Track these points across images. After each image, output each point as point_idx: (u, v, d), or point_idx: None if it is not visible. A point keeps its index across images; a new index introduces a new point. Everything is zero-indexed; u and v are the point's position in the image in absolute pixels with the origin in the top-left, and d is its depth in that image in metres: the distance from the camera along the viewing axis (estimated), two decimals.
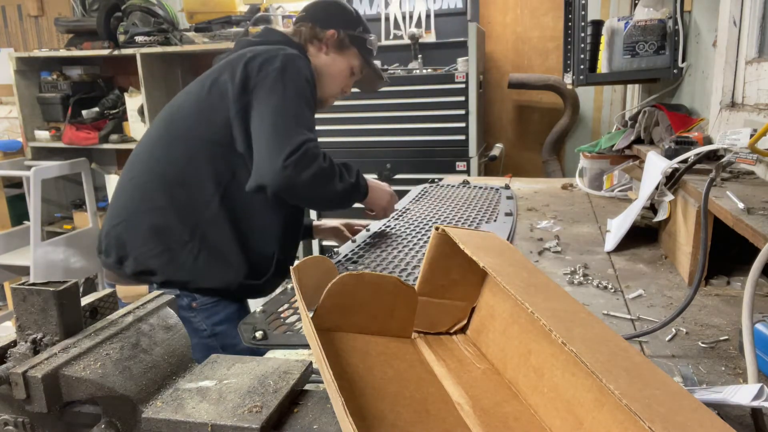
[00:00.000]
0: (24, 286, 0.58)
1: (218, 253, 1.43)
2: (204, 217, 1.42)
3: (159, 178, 1.44)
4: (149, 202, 1.43)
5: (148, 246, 1.42)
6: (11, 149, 3.93)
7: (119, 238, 1.45)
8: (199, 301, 1.45)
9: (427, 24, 3.27)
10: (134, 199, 1.46)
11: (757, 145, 1.09)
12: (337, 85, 1.65)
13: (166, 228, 1.41)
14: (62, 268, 3.53)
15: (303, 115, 1.40)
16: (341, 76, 1.65)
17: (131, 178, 1.49)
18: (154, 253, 1.41)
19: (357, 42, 1.64)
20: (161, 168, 1.45)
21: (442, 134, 3.01)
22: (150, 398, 0.57)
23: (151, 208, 1.43)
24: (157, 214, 1.42)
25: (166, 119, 1.52)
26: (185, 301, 1.44)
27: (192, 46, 3.34)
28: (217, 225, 1.43)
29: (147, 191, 1.44)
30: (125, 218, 1.45)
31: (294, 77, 1.42)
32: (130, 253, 1.43)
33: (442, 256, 0.71)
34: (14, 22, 4.39)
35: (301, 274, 0.68)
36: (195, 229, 1.42)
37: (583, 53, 2.10)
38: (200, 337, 1.46)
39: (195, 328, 1.46)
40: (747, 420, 0.62)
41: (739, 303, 0.98)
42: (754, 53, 1.50)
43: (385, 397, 0.58)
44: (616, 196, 1.88)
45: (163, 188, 1.43)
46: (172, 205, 1.42)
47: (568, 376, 0.54)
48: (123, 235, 1.44)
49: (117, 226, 1.46)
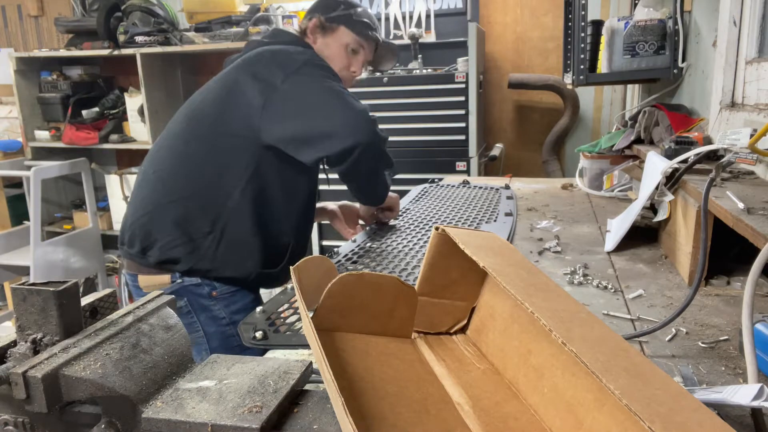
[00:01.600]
0: (24, 286, 0.58)
1: (238, 243, 1.47)
2: (225, 209, 1.46)
3: (181, 171, 1.48)
4: (172, 194, 1.47)
5: (172, 236, 1.45)
6: (11, 149, 3.93)
7: (144, 229, 1.47)
8: (219, 290, 1.49)
9: (427, 24, 3.27)
10: (157, 192, 1.49)
11: (757, 145, 1.09)
12: (337, 67, 1.62)
13: (189, 219, 1.45)
14: (62, 268, 3.53)
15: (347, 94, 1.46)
16: (339, 57, 1.65)
17: (154, 171, 1.52)
18: (178, 243, 1.45)
19: (341, 20, 1.64)
20: (183, 162, 1.49)
21: (442, 134, 3.01)
22: (150, 398, 0.57)
23: (174, 199, 1.46)
24: (180, 206, 1.45)
25: (188, 115, 1.55)
26: (206, 290, 1.48)
27: (192, 46, 3.34)
28: (238, 216, 1.46)
29: (170, 184, 1.48)
30: (150, 210, 1.48)
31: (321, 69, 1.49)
32: (155, 243, 1.46)
33: (442, 256, 0.71)
34: (14, 22, 4.39)
35: (301, 274, 0.68)
36: (217, 220, 1.45)
37: (583, 53, 2.10)
38: (219, 325, 1.50)
39: (214, 316, 1.50)
40: (747, 420, 0.62)
41: (739, 303, 0.98)
42: (754, 53, 1.50)
43: (385, 397, 0.58)
44: (616, 196, 1.88)
45: (185, 181, 1.47)
46: (194, 197, 1.46)
47: (568, 376, 0.54)
48: (148, 226, 1.47)
49: (142, 217, 1.48)
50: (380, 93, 3.02)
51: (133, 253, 1.49)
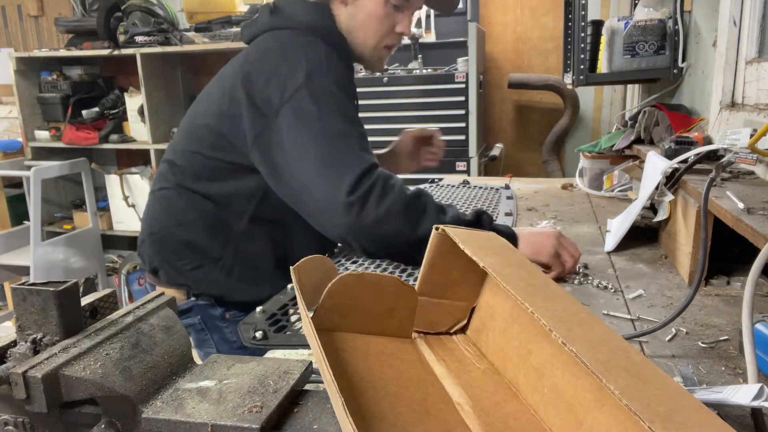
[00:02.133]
0: (24, 286, 0.58)
1: (252, 267, 1.36)
2: (235, 232, 1.34)
3: (185, 193, 1.35)
4: (178, 217, 1.36)
5: (181, 261, 1.36)
6: (11, 149, 3.93)
7: (154, 249, 1.40)
8: (232, 312, 1.40)
9: (427, 24, 3.27)
10: (165, 213, 1.39)
11: (757, 145, 1.09)
12: (376, 31, 1.31)
13: (197, 243, 1.35)
14: (62, 268, 3.53)
15: (352, 134, 1.15)
16: (376, 18, 1.30)
17: (160, 188, 1.41)
18: (187, 268, 1.36)
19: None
20: (187, 183, 1.35)
21: (442, 134, 3.00)
22: (150, 398, 0.57)
23: (181, 223, 1.36)
24: (187, 230, 1.35)
25: (188, 131, 1.39)
26: (218, 312, 1.40)
27: (192, 46, 3.34)
28: (251, 239, 1.34)
29: (175, 206, 1.37)
30: (157, 231, 1.39)
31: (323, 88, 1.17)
32: (162, 266, 1.39)
33: (442, 256, 0.71)
34: (14, 22, 4.39)
35: (301, 274, 0.68)
36: (226, 244, 1.34)
37: (583, 53, 2.10)
38: (231, 348, 1.41)
39: (226, 338, 1.41)
40: (747, 420, 0.62)
41: (739, 303, 0.98)
42: (754, 53, 1.50)
43: (385, 397, 0.58)
44: (616, 196, 1.88)
45: (190, 203, 1.35)
46: (201, 221, 1.34)
47: (568, 376, 0.54)
48: (157, 247, 1.39)
49: (150, 236, 1.41)
50: (380, 93, 3.02)
51: (147, 270, 1.44)
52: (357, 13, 1.30)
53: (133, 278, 3.83)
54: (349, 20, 1.31)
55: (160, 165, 1.47)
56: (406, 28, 1.33)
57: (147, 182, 3.59)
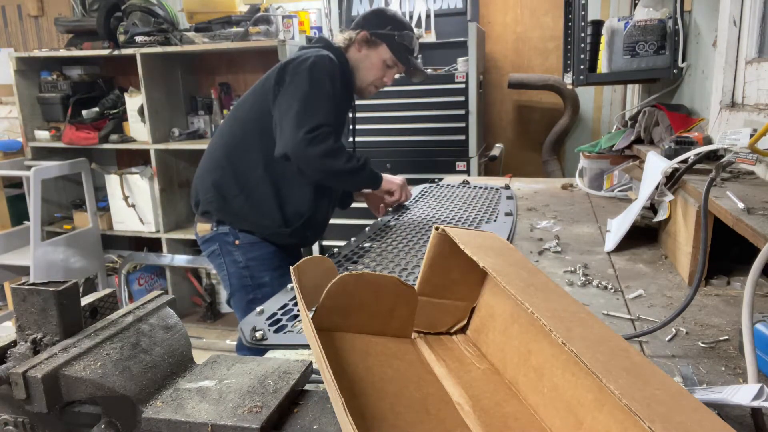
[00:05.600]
0: (24, 286, 0.58)
1: (259, 206, 1.87)
2: (252, 178, 1.86)
3: (223, 147, 1.91)
4: (214, 163, 1.91)
5: (211, 195, 1.90)
6: (11, 149, 3.93)
7: (197, 189, 1.95)
8: (241, 239, 1.89)
9: (427, 24, 3.26)
10: (206, 162, 1.95)
11: (757, 145, 1.09)
12: (372, 75, 1.98)
13: (223, 183, 1.88)
14: (62, 268, 3.53)
15: (322, 107, 1.76)
16: (375, 68, 1.97)
17: (210, 146, 1.98)
18: (213, 199, 1.89)
19: (385, 38, 1.95)
20: (225, 140, 1.92)
21: (442, 134, 3.01)
22: (150, 398, 0.57)
23: (215, 167, 1.90)
24: (218, 173, 1.89)
25: (235, 105, 2.02)
26: (231, 238, 1.89)
27: (192, 46, 3.33)
28: (261, 185, 1.86)
29: (214, 156, 1.93)
30: (200, 175, 1.95)
31: (319, 75, 1.77)
32: (199, 199, 1.93)
33: (442, 256, 0.71)
34: (14, 22, 4.39)
35: (301, 274, 0.68)
36: (244, 186, 1.87)
37: (583, 53, 2.10)
38: (237, 267, 1.90)
39: (234, 260, 1.90)
40: (747, 420, 0.62)
41: (739, 303, 0.98)
42: (754, 53, 1.50)
43: (385, 397, 0.58)
44: (616, 196, 1.88)
45: (224, 154, 1.89)
46: (229, 167, 1.88)
47: (568, 376, 0.54)
48: (198, 187, 1.95)
49: (196, 179, 1.97)
50: (380, 93, 3.00)
51: (193, 206, 1.99)
52: (365, 60, 1.97)
53: (133, 278, 3.83)
54: (359, 62, 1.97)
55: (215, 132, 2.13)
56: (389, 81, 2.04)
57: (147, 182, 3.59)
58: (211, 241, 1.93)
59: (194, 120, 3.73)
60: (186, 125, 3.75)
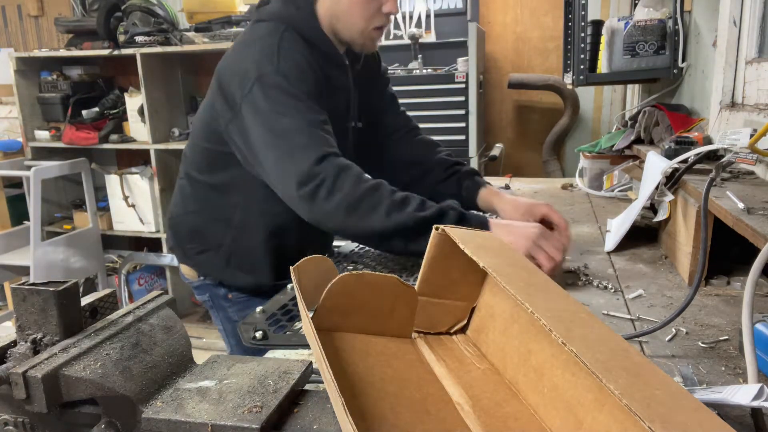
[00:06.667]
0: (24, 286, 0.58)
1: (248, 257, 1.43)
2: (233, 223, 1.41)
3: (192, 183, 1.46)
4: (187, 205, 1.48)
5: (189, 245, 1.49)
6: (11, 149, 3.93)
7: (171, 231, 1.55)
8: (234, 294, 1.49)
9: (427, 24, 3.27)
10: (177, 201, 1.52)
11: (757, 145, 1.09)
12: (363, 14, 1.29)
13: (202, 231, 1.46)
14: (62, 268, 3.53)
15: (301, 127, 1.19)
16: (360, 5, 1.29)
17: (179, 178, 1.53)
18: (194, 252, 1.48)
19: None
20: (193, 173, 1.45)
21: (442, 134, 3.01)
22: (150, 398, 0.57)
23: (189, 211, 1.48)
24: (194, 218, 1.47)
25: (194, 124, 1.49)
26: (222, 292, 1.50)
27: (192, 46, 3.33)
28: (246, 230, 1.40)
29: (185, 195, 1.49)
30: (172, 217, 1.54)
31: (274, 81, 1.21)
32: (175, 247, 1.54)
33: (442, 256, 0.71)
34: (14, 22, 4.39)
35: (301, 274, 0.68)
36: (226, 233, 1.42)
37: (583, 53, 2.10)
38: (232, 324, 1.52)
39: (229, 317, 1.52)
40: (747, 420, 0.62)
41: (739, 303, 0.98)
42: (754, 53, 1.50)
43: (385, 397, 0.58)
44: (616, 196, 1.88)
45: (195, 193, 1.46)
46: (204, 211, 1.45)
47: (568, 376, 0.54)
48: (174, 230, 1.54)
49: (169, 220, 1.56)
50: None
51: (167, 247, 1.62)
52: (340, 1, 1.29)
53: (133, 278, 3.83)
54: (334, 6, 1.30)
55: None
56: (393, 7, 1.30)
57: (147, 182, 3.59)
58: (200, 289, 1.54)
59: None
60: (186, 125, 3.75)
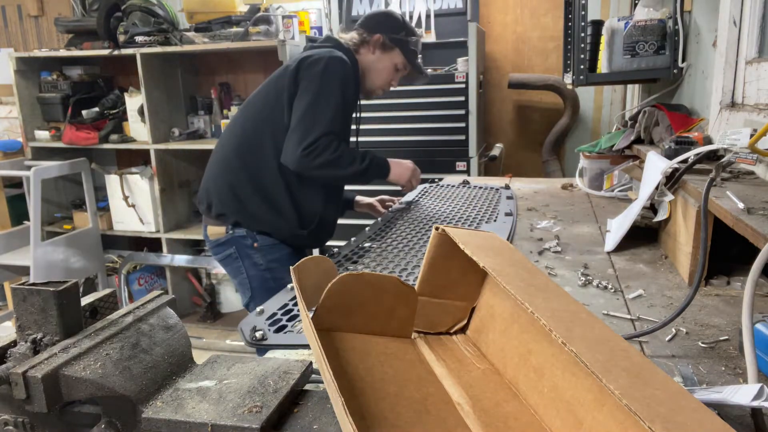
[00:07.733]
0: (24, 286, 0.58)
1: (275, 206, 1.87)
2: (266, 178, 1.86)
3: (235, 148, 1.90)
4: (227, 164, 1.90)
5: (226, 196, 1.88)
6: (11, 149, 3.93)
7: (208, 191, 1.93)
8: (260, 242, 1.88)
9: (427, 24, 3.26)
10: (218, 163, 1.94)
11: (757, 145, 1.09)
12: (383, 79, 2.02)
13: (238, 184, 1.87)
14: (62, 268, 3.53)
15: (326, 114, 1.78)
16: (386, 72, 2.01)
17: (220, 146, 1.97)
18: (229, 202, 1.88)
19: (399, 43, 1.99)
20: (237, 140, 1.90)
21: (442, 134, 3.01)
22: (150, 398, 0.57)
23: (228, 169, 1.90)
24: (232, 175, 1.89)
25: (245, 104, 1.99)
26: (249, 241, 1.89)
27: (192, 46, 3.33)
28: (275, 185, 1.86)
29: (226, 157, 1.91)
30: (211, 177, 1.93)
31: (329, 79, 1.79)
32: (214, 201, 1.90)
33: (442, 256, 0.71)
34: (14, 22, 4.39)
35: (301, 274, 0.68)
36: (259, 186, 1.86)
37: (583, 53, 2.10)
38: (258, 270, 1.90)
39: (254, 262, 1.90)
40: (747, 420, 0.62)
41: (739, 303, 0.98)
42: (754, 53, 1.50)
43: (385, 397, 0.58)
44: (616, 196, 1.88)
45: (237, 155, 1.89)
46: (242, 168, 1.87)
47: (568, 376, 0.54)
48: (211, 189, 1.92)
49: (207, 181, 1.95)
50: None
51: (203, 209, 1.96)
52: (377, 63, 2.00)
53: (133, 278, 3.83)
54: (370, 64, 1.99)
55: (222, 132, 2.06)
56: (395, 83, 2.08)
57: (147, 182, 3.59)
58: (226, 244, 1.91)
59: (194, 120, 3.73)
60: (186, 125, 3.75)
